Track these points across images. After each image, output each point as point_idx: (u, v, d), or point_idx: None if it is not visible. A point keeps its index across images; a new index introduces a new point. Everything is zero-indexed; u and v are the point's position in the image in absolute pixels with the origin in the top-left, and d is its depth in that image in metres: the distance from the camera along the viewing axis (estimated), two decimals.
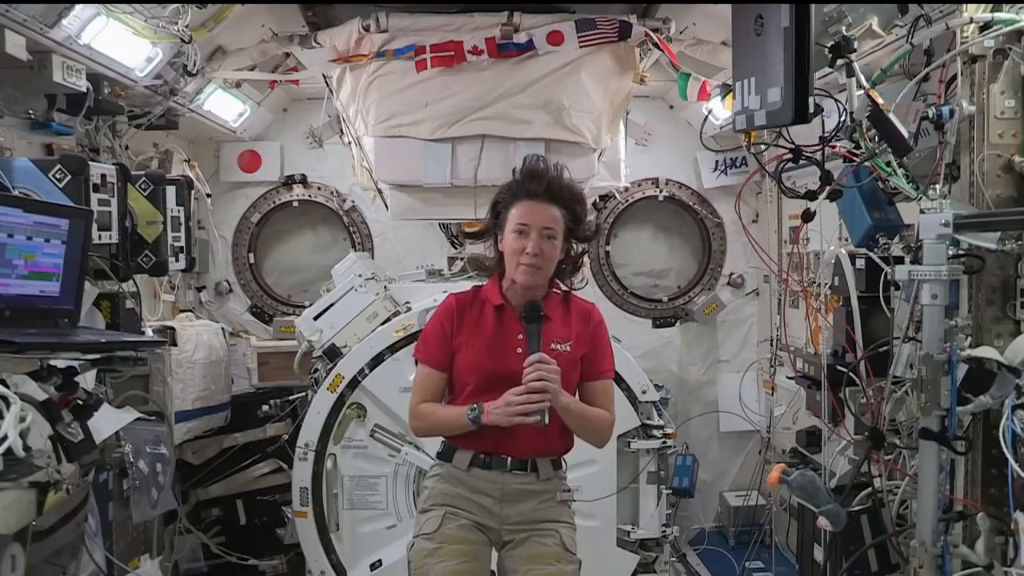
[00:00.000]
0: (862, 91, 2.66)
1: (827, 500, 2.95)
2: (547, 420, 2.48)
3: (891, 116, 2.63)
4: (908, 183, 2.74)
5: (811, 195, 3.04)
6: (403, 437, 3.99)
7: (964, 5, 2.55)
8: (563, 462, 2.75)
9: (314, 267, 5.56)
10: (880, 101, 2.63)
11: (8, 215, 2.52)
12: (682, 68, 4.14)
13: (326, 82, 4.45)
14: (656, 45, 4.10)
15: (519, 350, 2.55)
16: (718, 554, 5.21)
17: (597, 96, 4.14)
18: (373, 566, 4.00)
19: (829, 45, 2.67)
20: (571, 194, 2.65)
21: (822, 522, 2.98)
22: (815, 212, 3.06)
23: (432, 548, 2.58)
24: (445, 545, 2.57)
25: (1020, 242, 2.52)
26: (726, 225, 5.62)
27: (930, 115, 2.67)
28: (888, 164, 2.77)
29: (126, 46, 3.43)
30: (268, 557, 4.76)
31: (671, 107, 5.56)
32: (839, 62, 2.66)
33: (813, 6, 2.49)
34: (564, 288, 2.73)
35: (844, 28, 2.68)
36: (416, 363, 2.78)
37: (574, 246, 2.69)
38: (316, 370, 4.29)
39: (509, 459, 2.60)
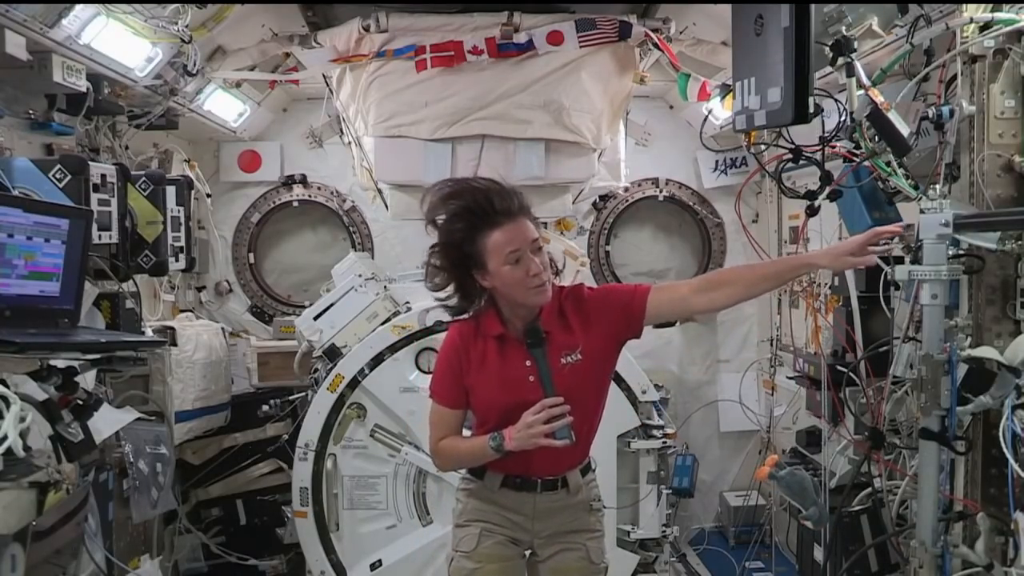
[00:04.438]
0: (862, 91, 2.66)
1: (813, 501, 2.96)
2: (574, 438, 2.41)
3: (891, 115, 2.62)
4: (908, 183, 2.74)
5: (811, 195, 3.04)
6: (403, 437, 3.99)
7: (964, 5, 2.55)
8: (591, 460, 2.71)
9: (314, 267, 5.56)
10: (880, 100, 2.63)
11: (8, 215, 2.52)
12: (682, 68, 4.15)
13: (326, 82, 4.45)
14: (656, 45, 4.10)
15: (531, 378, 2.46)
16: (718, 554, 5.21)
17: (597, 96, 4.14)
18: (373, 566, 4.00)
19: (830, 43, 2.67)
20: (518, 194, 2.47)
21: (804, 517, 3.02)
22: (819, 207, 3.05)
23: (471, 568, 2.60)
24: (483, 565, 2.59)
25: (1020, 242, 2.52)
26: (726, 225, 5.61)
27: (930, 115, 2.67)
28: (888, 164, 2.77)
29: (126, 46, 3.43)
30: (268, 557, 4.76)
31: (671, 107, 5.55)
32: (840, 61, 2.66)
33: (813, 6, 2.49)
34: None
35: (844, 28, 2.68)
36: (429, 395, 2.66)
37: None
38: (316, 370, 4.30)
39: (539, 481, 2.57)
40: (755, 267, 2.63)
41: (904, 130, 2.63)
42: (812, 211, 3.05)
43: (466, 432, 2.66)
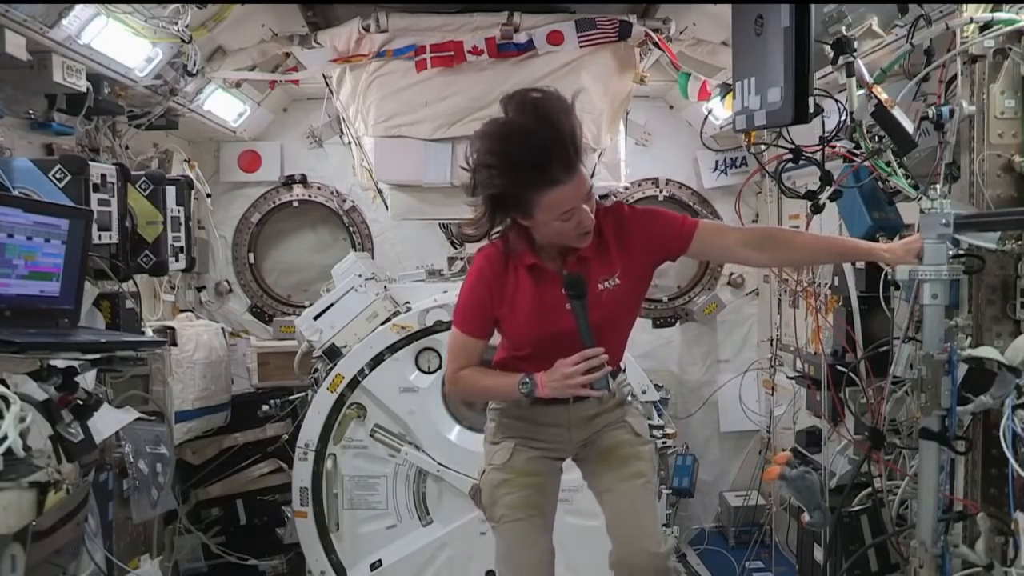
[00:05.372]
0: (863, 90, 2.66)
1: (818, 505, 2.96)
2: (611, 387, 2.36)
3: (895, 112, 2.62)
4: (908, 183, 2.74)
5: (811, 195, 3.04)
6: (403, 437, 3.99)
7: (964, 5, 2.55)
8: (623, 364, 2.68)
9: (314, 267, 5.56)
10: (884, 96, 2.62)
11: (8, 215, 2.52)
12: (682, 68, 4.15)
13: (326, 82, 4.45)
14: (656, 45, 4.10)
15: (568, 306, 2.36)
16: (718, 554, 5.21)
17: (597, 96, 4.14)
18: (373, 566, 4.00)
19: (831, 42, 2.67)
20: (576, 132, 2.23)
21: (806, 520, 3.03)
22: (824, 204, 3.04)
23: (502, 479, 2.55)
24: (515, 477, 2.54)
25: (1020, 242, 2.52)
26: None
27: (930, 115, 2.66)
28: (888, 164, 2.77)
29: (126, 46, 3.43)
30: (268, 557, 4.76)
31: (671, 107, 5.55)
32: (841, 60, 2.66)
33: (813, 6, 2.48)
34: None
35: (844, 28, 2.67)
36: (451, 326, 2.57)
37: None
38: (316, 370, 4.30)
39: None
40: (816, 238, 2.63)
41: (908, 127, 2.63)
42: (816, 208, 3.03)
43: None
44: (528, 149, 2.19)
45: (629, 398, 2.70)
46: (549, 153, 2.18)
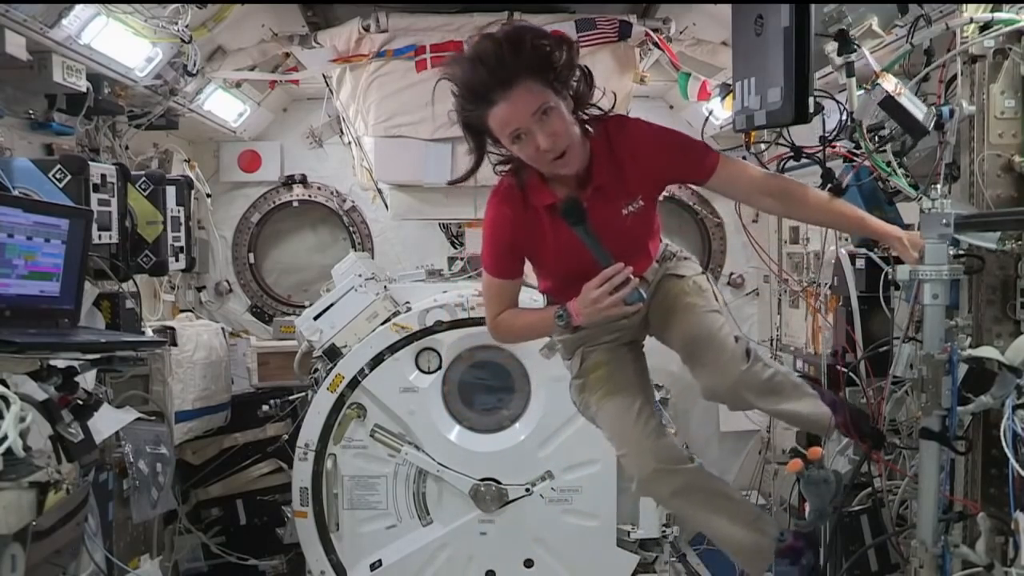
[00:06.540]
0: (862, 90, 2.65)
1: (819, 511, 2.96)
2: (646, 295, 2.36)
3: (904, 99, 2.60)
4: (908, 183, 2.74)
5: None
6: (403, 437, 3.99)
7: (964, 5, 2.54)
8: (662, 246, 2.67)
9: (314, 267, 5.57)
10: (891, 86, 2.59)
11: (8, 215, 2.52)
12: (682, 68, 4.15)
13: (326, 82, 4.45)
14: (656, 45, 4.11)
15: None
16: (718, 554, 5.18)
17: (597, 96, 4.14)
18: (373, 566, 4.00)
19: (834, 34, 2.65)
20: (533, 45, 2.17)
21: (808, 510, 3.02)
22: (842, 185, 3.02)
23: (580, 384, 2.64)
24: (588, 376, 2.61)
25: (1020, 242, 2.52)
26: (726, 225, 5.61)
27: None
28: (888, 164, 2.77)
29: (126, 46, 3.43)
30: (268, 557, 4.77)
31: (671, 107, 5.55)
32: (840, 61, 2.65)
33: (813, 6, 2.48)
34: (596, 125, 2.42)
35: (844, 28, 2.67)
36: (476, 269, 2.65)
37: (573, 76, 2.31)
38: (316, 370, 4.30)
39: None
40: (831, 202, 2.61)
41: (919, 113, 2.60)
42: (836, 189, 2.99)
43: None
44: (465, 69, 2.21)
45: (670, 258, 2.67)
46: (483, 71, 2.17)
